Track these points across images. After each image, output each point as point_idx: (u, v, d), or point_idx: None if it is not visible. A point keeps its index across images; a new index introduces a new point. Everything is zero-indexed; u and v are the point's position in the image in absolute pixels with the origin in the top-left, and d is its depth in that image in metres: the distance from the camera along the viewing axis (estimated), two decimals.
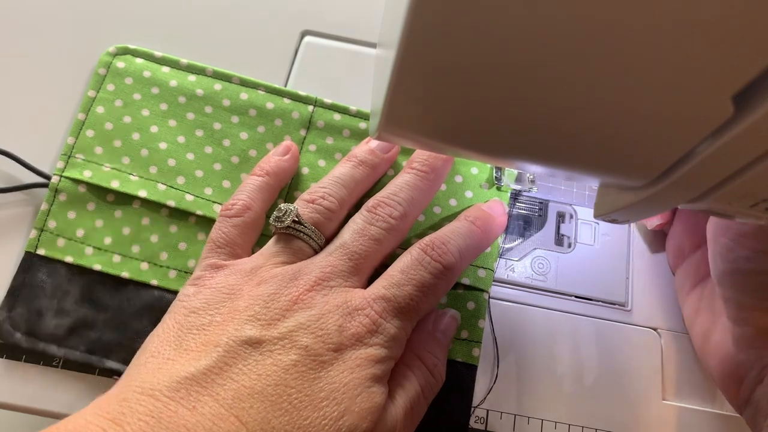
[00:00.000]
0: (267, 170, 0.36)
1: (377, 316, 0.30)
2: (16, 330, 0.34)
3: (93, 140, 0.37)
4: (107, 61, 0.39)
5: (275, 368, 0.28)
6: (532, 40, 0.17)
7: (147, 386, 0.27)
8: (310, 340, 0.29)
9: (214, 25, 0.43)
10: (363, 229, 0.33)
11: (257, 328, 0.29)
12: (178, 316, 0.30)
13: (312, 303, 0.30)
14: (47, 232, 0.36)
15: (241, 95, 0.39)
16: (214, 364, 0.27)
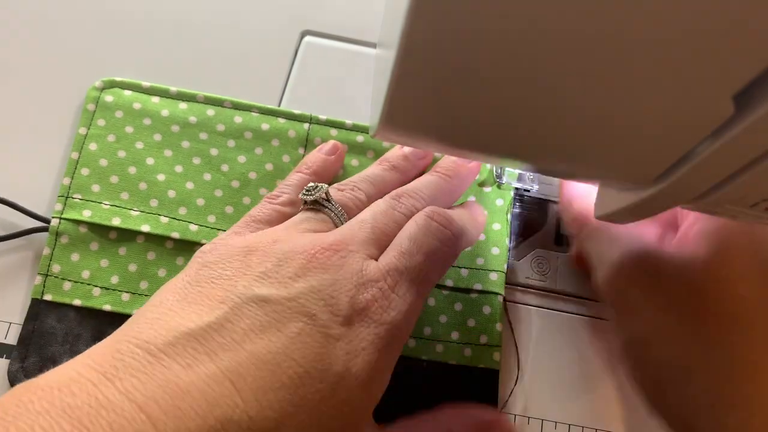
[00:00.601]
0: (314, 169, 0.37)
1: (390, 291, 0.30)
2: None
3: (89, 178, 0.38)
4: (95, 95, 0.39)
5: (279, 335, 0.27)
6: (531, 40, 0.18)
7: (143, 337, 0.26)
8: (318, 308, 0.28)
9: (214, 25, 0.44)
10: (385, 211, 0.33)
11: (267, 285, 0.28)
12: (190, 271, 0.30)
13: (328, 264, 0.29)
14: (52, 276, 0.36)
15: (235, 119, 0.40)
16: (216, 320, 0.27)
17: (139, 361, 0.25)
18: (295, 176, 0.37)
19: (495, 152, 0.25)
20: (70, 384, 0.24)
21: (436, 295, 0.38)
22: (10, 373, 0.35)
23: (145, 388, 0.24)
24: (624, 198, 0.25)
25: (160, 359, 0.25)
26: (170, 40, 0.43)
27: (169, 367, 0.25)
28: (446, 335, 0.37)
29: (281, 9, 0.45)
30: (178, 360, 0.25)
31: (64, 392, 0.24)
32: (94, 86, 0.40)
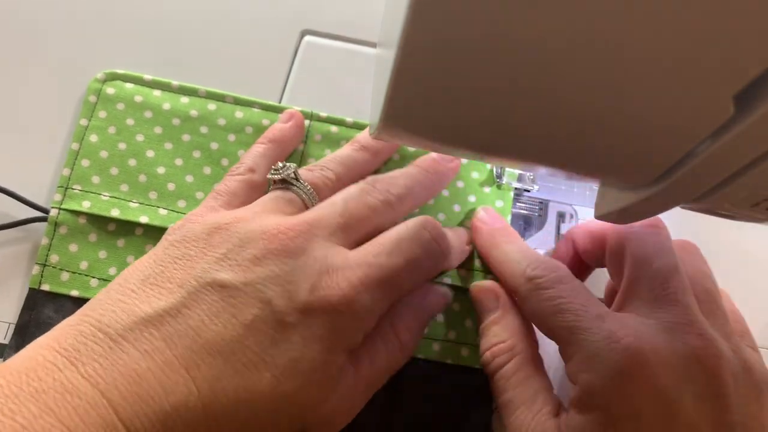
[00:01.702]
0: (270, 137, 0.38)
1: (356, 283, 0.30)
2: None
3: (89, 170, 0.39)
4: (96, 88, 0.40)
5: (234, 321, 0.28)
6: (532, 41, 0.18)
7: (105, 321, 0.27)
8: (275, 294, 0.29)
9: (214, 25, 0.45)
10: (358, 195, 0.34)
11: (226, 269, 0.29)
12: (158, 249, 0.32)
13: (290, 247, 0.30)
14: (50, 266, 0.37)
15: (236, 114, 0.41)
16: (173, 306, 0.28)
17: (100, 346, 0.27)
18: (254, 147, 0.38)
19: (495, 152, 0.25)
20: (37, 368, 0.26)
21: None
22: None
23: (106, 374, 0.26)
24: (625, 198, 0.25)
25: (119, 344, 0.27)
26: (171, 38, 0.44)
27: (128, 352, 0.27)
28: (443, 335, 0.38)
29: (281, 9, 0.46)
30: (136, 346, 0.27)
31: (32, 377, 0.25)
32: (96, 78, 0.41)
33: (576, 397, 0.30)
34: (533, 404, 0.32)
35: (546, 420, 0.31)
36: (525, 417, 0.31)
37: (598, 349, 0.29)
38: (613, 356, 0.29)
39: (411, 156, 0.41)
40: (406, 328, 0.34)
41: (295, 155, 0.41)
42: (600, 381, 0.29)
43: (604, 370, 0.29)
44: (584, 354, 0.30)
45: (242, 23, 0.45)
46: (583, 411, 0.29)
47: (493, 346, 0.34)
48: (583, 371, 0.29)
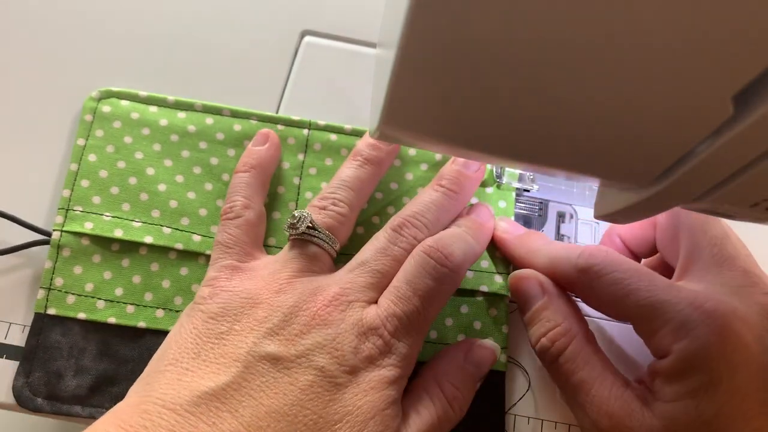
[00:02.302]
0: (251, 164, 0.39)
1: (389, 337, 0.32)
2: (37, 395, 0.35)
3: (89, 190, 0.39)
4: (92, 106, 0.40)
5: (292, 388, 0.30)
6: (531, 41, 0.19)
7: (168, 399, 0.29)
8: (326, 361, 0.31)
9: (214, 25, 0.45)
10: (386, 248, 0.35)
11: (276, 343, 0.31)
12: (195, 321, 0.33)
13: (329, 320, 0.32)
14: (55, 290, 0.37)
15: (234, 127, 0.41)
16: (233, 380, 0.30)
17: (167, 421, 0.28)
18: (237, 178, 0.38)
19: (495, 152, 0.25)
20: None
21: None
22: (15, 389, 0.36)
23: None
24: (624, 198, 0.26)
25: (186, 419, 0.28)
26: (171, 38, 0.44)
27: (195, 425, 0.28)
28: (453, 338, 0.38)
29: (281, 9, 0.46)
30: (203, 419, 0.28)
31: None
32: (91, 96, 0.41)
33: (669, 367, 0.31)
34: (605, 380, 0.33)
35: (623, 392, 0.32)
36: (602, 393, 0.33)
37: (687, 317, 0.31)
38: (704, 319, 0.30)
39: (412, 161, 0.41)
40: (449, 381, 0.34)
41: (295, 165, 0.41)
42: (696, 345, 0.30)
43: (700, 334, 0.30)
44: (673, 325, 0.31)
45: (242, 24, 0.45)
46: (680, 380, 0.31)
47: (549, 332, 0.35)
48: (675, 341, 0.31)
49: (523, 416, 0.38)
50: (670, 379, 0.31)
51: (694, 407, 0.30)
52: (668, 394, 0.31)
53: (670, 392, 0.31)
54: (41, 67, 0.43)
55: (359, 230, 0.39)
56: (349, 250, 0.38)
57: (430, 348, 0.38)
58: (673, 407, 0.30)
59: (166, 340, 0.33)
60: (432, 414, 0.33)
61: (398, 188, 0.41)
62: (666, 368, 0.31)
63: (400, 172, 0.41)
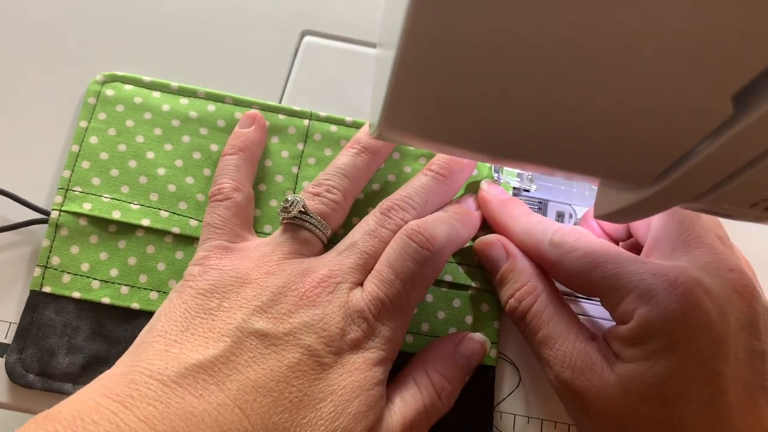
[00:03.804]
0: (239, 146, 0.38)
1: (374, 320, 0.32)
2: (29, 372, 0.35)
3: (89, 171, 0.39)
4: (96, 89, 0.40)
5: (279, 364, 0.30)
6: (532, 41, 0.18)
7: (155, 369, 0.29)
8: (313, 340, 0.31)
9: (213, 25, 0.45)
10: (374, 231, 0.35)
11: (264, 320, 0.31)
12: (185, 296, 0.33)
13: (317, 300, 0.32)
14: (51, 268, 0.37)
15: (235, 115, 0.41)
16: (222, 353, 0.30)
17: (153, 391, 0.28)
18: (225, 160, 0.38)
19: (495, 152, 0.25)
20: (91, 413, 0.26)
21: (434, 291, 0.39)
22: (8, 364, 0.35)
23: (162, 416, 0.27)
24: (624, 198, 0.25)
25: (173, 389, 0.28)
26: (171, 38, 0.44)
27: (182, 396, 0.28)
28: (444, 331, 0.38)
29: (281, 9, 0.46)
30: (190, 390, 0.28)
31: (87, 421, 0.26)
32: (96, 80, 0.41)
33: (629, 331, 0.31)
34: (569, 334, 0.33)
35: (586, 345, 0.33)
36: (565, 347, 0.33)
37: (650, 285, 0.31)
38: (666, 287, 0.30)
39: (411, 155, 0.41)
40: (438, 372, 0.34)
41: (294, 154, 0.41)
42: (657, 311, 0.30)
43: (661, 301, 0.30)
44: (637, 292, 0.31)
45: (242, 23, 0.45)
46: (638, 343, 0.31)
47: (516, 292, 0.36)
48: (638, 307, 0.31)
49: (523, 416, 0.37)
50: (629, 342, 0.31)
51: (649, 368, 0.30)
52: (627, 355, 0.31)
53: (628, 354, 0.31)
54: (48, 50, 0.43)
55: (354, 221, 0.39)
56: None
57: (422, 340, 0.38)
58: (630, 367, 0.30)
59: (154, 315, 0.33)
60: (419, 402, 0.33)
61: (396, 180, 0.41)
62: (625, 333, 0.31)
63: (399, 165, 0.41)
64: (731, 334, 0.30)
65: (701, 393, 0.29)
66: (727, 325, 0.30)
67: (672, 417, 0.30)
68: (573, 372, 0.32)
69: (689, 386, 0.29)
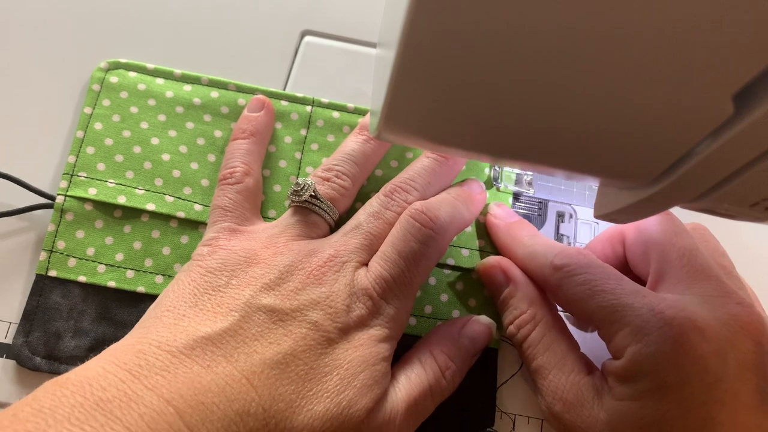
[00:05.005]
0: (250, 130, 0.39)
1: (379, 298, 0.33)
2: (35, 354, 0.35)
3: (94, 157, 0.38)
4: (100, 76, 0.40)
5: (286, 338, 0.30)
6: (532, 40, 0.18)
7: (164, 341, 0.29)
8: (320, 317, 0.31)
9: (213, 25, 0.44)
10: (378, 212, 0.35)
11: (272, 297, 0.31)
12: (193, 274, 0.33)
13: (324, 279, 0.32)
14: (57, 253, 0.37)
15: (238, 101, 0.41)
16: (230, 327, 0.30)
17: (162, 361, 0.28)
18: (236, 144, 0.38)
19: (495, 152, 0.25)
20: (99, 379, 0.26)
21: (438, 274, 0.39)
22: (14, 347, 0.35)
23: (170, 385, 0.27)
24: (624, 198, 0.25)
25: (181, 360, 0.28)
26: (171, 37, 0.44)
27: (190, 367, 0.28)
28: (447, 314, 0.38)
29: (281, 9, 0.46)
30: (198, 361, 0.28)
31: (95, 387, 0.26)
32: (99, 67, 0.41)
33: (621, 368, 0.31)
34: (564, 366, 0.33)
35: (580, 379, 0.32)
36: (558, 379, 0.33)
37: (645, 322, 0.30)
38: (660, 327, 0.30)
39: None
40: (441, 351, 0.34)
41: (298, 140, 0.41)
42: (648, 350, 0.30)
43: (653, 341, 0.30)
44: (630, 328, 0.31)
45: (242, 23, 0.45)
46: (629, 381, 0.30)
47: (515, 319, 0.36)
48: (630, 344, 0.30)
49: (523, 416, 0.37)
50: (620, 380, 0.31)
51: (638, 409, 0.30)
52: (618, 393, 0.31)
53: (619, 391, 0.31)
54: (53, 37, 0.43)
55: (357, 206, 0.39)
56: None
57: (425, 323, 0.38)
58: (620, 405, 0.30)
59: (162, 292, 0.33)
60: (423, 380, 0.33)
61: (398, 166, 0.41)
62: (617, 369, 0.31)
63: (401, 151, 0.41)
64: (730, 378, 0.29)
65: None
66: (725, 368, 0.29)
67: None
68: (563, 406, 0.32)
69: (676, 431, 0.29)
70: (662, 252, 0.33)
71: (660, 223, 0.34)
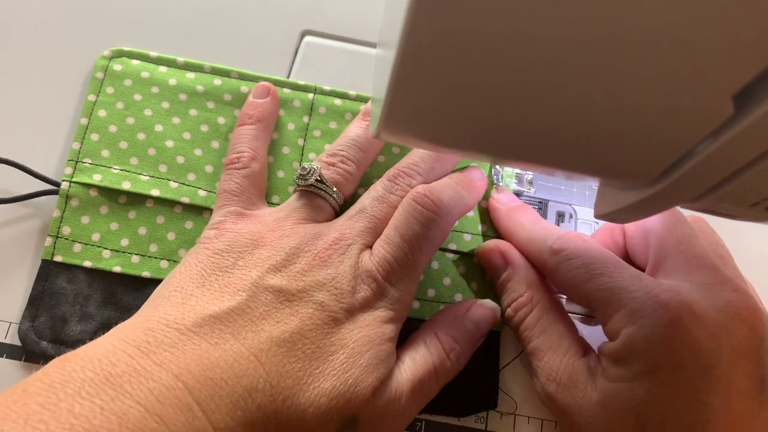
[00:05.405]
0: (257, 116, 0.39)
1: (383, 281, 0.33)
2: (42, 339, 0.35)
3: (98, 144, 0.39)
4: (103, 64, 0.40)
5: (293, 318, 0.30)
6: (533, 41, 0.18)
7: (172, 318, 0.29)
8: (326, 297, 0.31)
9: (213, 25, 0.44)
10: (382, 196, 0.36)
11: (279, 278, 0.32)
12: (200, 256, 0.33)
13: (329, 261, 0.33)
14: (62, 238, 0.37)
15: (241, 88, 0.41)
16: (238, 305, 0.30)
17: (170, 338, 0.28)
18: (243, 129, 0.38)
19: (495, 153, 0.25)
20: (109, 355, 0.26)
21: (440, 258, 0.40)
22: (21, 331, 0.36)
23: (178, 361, 0.27)
24: (624, 198, 0.25)
25: (189, 337, 0.28)
26: (171, 36, 0.44)
27: (198, 344, 0.28)
28: (450, 297, 0.39)
29: (281, 9, 0.45)
30: (206, 338, 0.28)
31: (104, 362, 0.26)
32: (103, 55, 0.41)
33: (615, 349, 0.31)
34: (559, 348, 0.33)
35: (574, 361, 0.33)
36: (553, 361, 0.33)
37: (640, 304, 0.30)
38: (656, 310, 0.30)
39: None
40: (446, 333, 0.34)
41: (300, 127, 0.41)
42: (643, 332, 0.30)
43: (648, 323, 0.30)
44: (626, 310, 0.31)
45: (242, 23, 0.45)
46: (622, 363, 0.31)
47: (513, 302, 0.36)
48: (625, 326, 0.31)
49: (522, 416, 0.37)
50: (614, 361, 0.31)
51: (630, 389, 0.30)
52: (611, 374, 0.31)
53: (613, 373, 0.31)
54: (56, 26, 0.43)
55: (360, 191, 0.39)
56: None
57: (428, 306, 0.38)
58: (612, 386, 0.31)
59: (169, 274, 0.33)
60: (428, 361, 0.33)
61: (399, 152, 0.41)
62: (612, 350, 0.31)
63: None
64: (724, 364, 0.29)
65: (680, 422, 0.29)
66: (719, 353, 0.29)
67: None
68: (557, 386, 0.33)
69: (668, 414, 0.29)
70: (661, 240, 0.34)
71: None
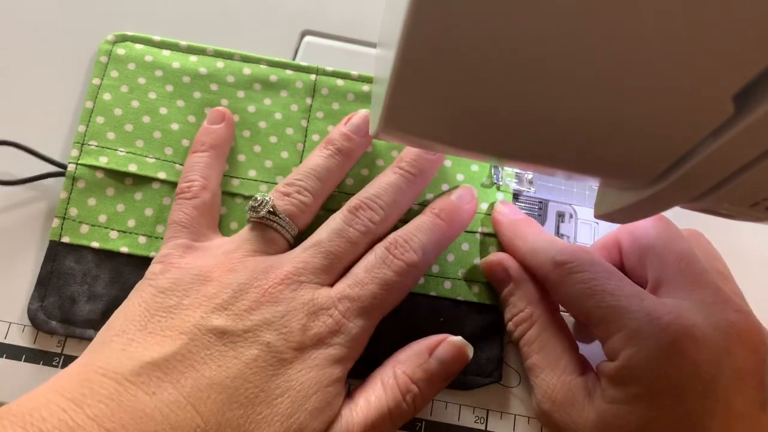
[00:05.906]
0: (210, 143, 0.38)
1: (341, 317, 0.32)
2: (51, 318, 0.36)
3: (104, 126, 0.39)
4: (107, 48, 0.40)
5: (236, 361, 0.29)
6: (533, 41, 0.18)
7: (110, 368, 0.28)
8: (273, 337, 0.30)
9: (213, 25, 0.44)
10: (341, 230, 0.34)
11: (224, 318, 0.30)
12: (144, 295, 0.32)
13: (280, 297, 0.32)
14: (69, 219, 0.37)
15: (244, 70, 0.41)
16: (178, 351, 0.29)
17: (106, 389, 0.27)
18: (195, 157, 0.37)
19: (495, 153, 0.25)
20: (41, 409, 0.26)
21: None
22: (30, 311, 0.36)
23: (112, 414, 0.26)
24: (624, 198, 0.25)
25: (126, 388, 0.27)
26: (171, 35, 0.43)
27: (134, 395, 0.27)
28: (454, 273, 0.39)
29: (281, 9, 0.45)
30: (143, 388, 0.28)
31: (35, 417, 0.25)
32: (107, 40, 0.41)
33: (614, 371, 0.30)
34: (557, 366, 0.33)
35: (572, 379, 0.32)
36: (550, 378, 0.33)
37: (641, 326, 0.30)
38: (655, 332, 0.29)
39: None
40: (405, 373, 0.32)
41: (303, 108, 0.41)
42: (641, 356, 0.29)
43: (647, 346, 0.29)
44: (626, 332, 0.30)
45: (242, 23, 0.44)
46: (620, 384, 0.30)
47: (514, 317, 0.36)
48: (624, 347, 0.30)
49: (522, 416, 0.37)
50: (612, 382, 0.30)
51: (627, 412, 0.29)
52: (609, 395, 0.30)
53: (610, 394, 0.30)
54: (60, 11, 0.43)
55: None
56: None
57: (432, 282, 0.38)
58: (610, 408, 0.30)
59: (114, 313, 0.32)
60: (383, 404, 0.31)
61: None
62: (610, 371, 0.31)
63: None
64: (723, 387, 0.28)
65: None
66: (719, 376, 0.28)
67: None
68: (553, 405, 0.32)
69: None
70: (660, 257, 0.33)
71: (655, 228, 0.34)
